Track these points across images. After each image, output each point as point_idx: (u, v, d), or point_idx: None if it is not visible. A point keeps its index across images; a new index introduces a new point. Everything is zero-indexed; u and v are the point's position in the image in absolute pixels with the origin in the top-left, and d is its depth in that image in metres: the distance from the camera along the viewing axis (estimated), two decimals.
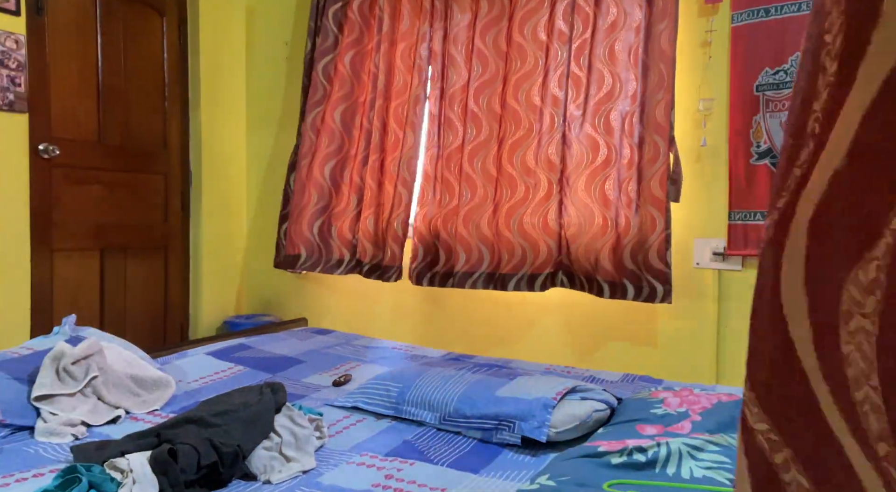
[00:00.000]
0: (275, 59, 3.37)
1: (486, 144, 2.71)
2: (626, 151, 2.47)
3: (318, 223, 3.03)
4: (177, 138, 3.17)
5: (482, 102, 2.72)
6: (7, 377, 1.62)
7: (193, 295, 3.26)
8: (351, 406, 1.77)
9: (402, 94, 2.91)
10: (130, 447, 1.30)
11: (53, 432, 1.49)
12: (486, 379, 1.75)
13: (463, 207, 2.73)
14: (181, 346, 2.40)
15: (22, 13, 2.47)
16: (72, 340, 1.82)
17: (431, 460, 1.44)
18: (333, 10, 3.02)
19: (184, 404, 1.78)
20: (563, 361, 2.66)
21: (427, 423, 1.65)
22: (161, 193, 3.12)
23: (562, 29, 2.57)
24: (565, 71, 2.57)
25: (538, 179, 2.60)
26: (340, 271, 3.01)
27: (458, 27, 2.78)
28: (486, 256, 2.69)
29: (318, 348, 2.42)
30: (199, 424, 1.38)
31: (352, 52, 3.01)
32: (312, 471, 1.37)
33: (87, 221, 2.80)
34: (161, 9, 3.07)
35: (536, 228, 2.60)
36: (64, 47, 2.67)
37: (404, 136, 2.86)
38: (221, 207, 3.33)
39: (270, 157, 3.39)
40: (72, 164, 2.72)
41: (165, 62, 3.11)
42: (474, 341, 2.85)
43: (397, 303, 3.06)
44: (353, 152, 3.03)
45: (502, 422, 1.55)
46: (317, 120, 3.03)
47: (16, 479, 1.26)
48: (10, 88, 2.43)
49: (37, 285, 2.58)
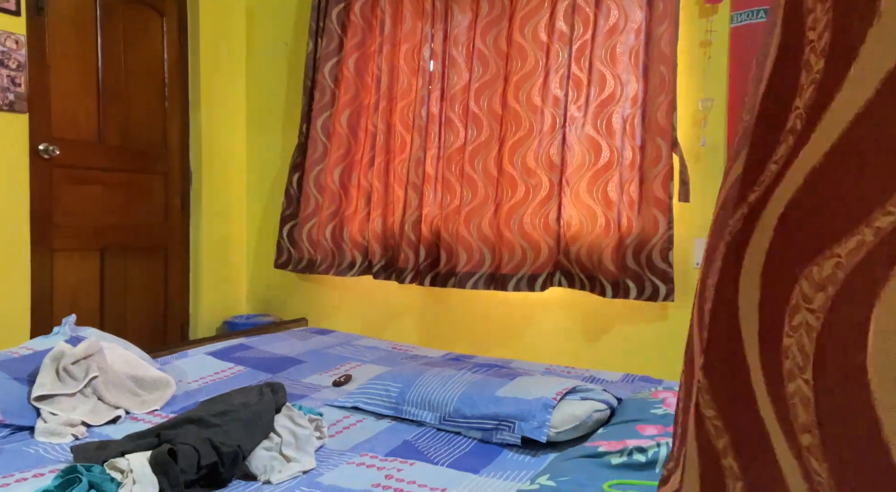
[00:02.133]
0: (275, 59, 3.37)
1: (487, 144, 2.71)
2: (627, 153, 2.47)
3: (330, 227, 3.04)
4: (177, 138, 3.17)
5: (483, 103, 2.72)
6: (7, 377, 1.61)
7: (193, 295, 3.26)
8: (351, 406, 1.77)
9: (406, 96, 2.90)
10: (130, 447, 1.30)
11: (53, 432, 1.49)
12: (487, 379, 1.74)
13: (464, 207, 2.73)
14: (181, 346, 2.40)
15: (22, 13, 2.47)
16: (72, 340, 1.82)
17: (431, 460, 1.44)
18: (336, 11, 3.02)
19: (184, 404, 1.77)
20: (563, 361, 2.66)
21: (427, 423, 1.65)
22: (161, 193, 3.12)
23: (562, 30, 2.57)
24: (566, 72, 2.57)
25: (539, 180, 2.60)
26: (353, 273, 3.02)
27: (458, 28, 2.77)
28: (487, 256, 2.69)
29: (318, 348, 2.42)
30: (199, 424, 1.38)
31: (356, 55, 3.00)
32: (312, 471, 1.37)
33: (87, 221, 2.80)
34: (161, 9, 3.07)
35: (537, 229, 2.60)
36: (64, 47, 2.67)
37: (411, 138, 2.86)
38: (221, 206, 3.33)
39: (270, 157, 3.39)
40: (72, 164, 2.72)
41: (165, 62, 3.11)
42: (474, 341, 2.85)
43: (398, 303, 3.06)
44: (359, 156, 3.03)
45: (502, 422, 1.55)
46: (327, 124, 3.03)
47: (16, 479, 1.26)
48: (10, 88, 2.43)
49: (37, 285, 2.58)
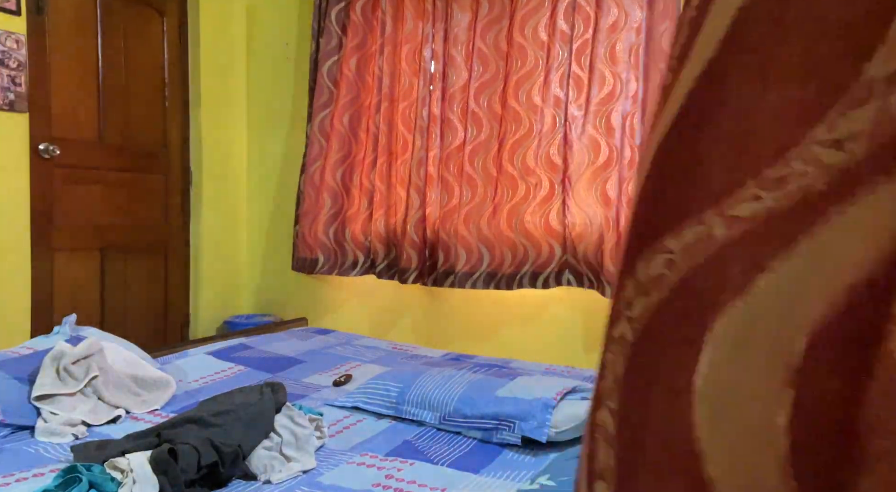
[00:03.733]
0: (275, 59, 3.36)
1: (487, 143, 2.71)
2: (627, 152, 2.47)
3: (332, 227, 3.03)
4: (177, 138, 3.17)
5: (483, 102, 2.72)
6: (7, 377, 1.61)
7: (193, 295, 3.26)
8: (351, 406, 1.77)
9: (407, 97, 2.90)
10: (130, 447, 1.30)
11: (54, 432, 1.49)
12: (487, 379, 1.74)
13: (463, 206, 2.73)
14: (181, 346, 2.40)
15: (22, 13, 2.47)
16: (72, 339, 1.82)
17: (431, 460, 1.44)
18: (336, 11, 3.01)
19: (184, 403, 1.77)
20: (563, 360, 2.66)
21: (427, 423, 1.64)
22: (161, 193, 3.12)
23: (563, 29, 2.57)
24: (566, 71, 2.57)
25: (539, 179, 2.60)
26: (355, 273, 3.02)
27: (458, 27, 2.77)
28: (485, 255, 2.69)
29: (318, 348, 2.41)
30: (199, 424, 1.38)
31: (356, 56, 3.00)
32: (312, 471, 1.36)
33: (88, 221, 2.80)
34: (161, 9, 3.07)
35: (538, 228, 2.60)
36: (64, 47, 2.67)
37: (413, 138, 2.85)
38: (221, 207, 3.33)
39: (271, 157, 3.39)
40: (72, 164, 2.71)
41: (165, 62, 3.11)
42: (474, 341, 2.85)
43: (398, 302, 3.06)
44: (361, 156, 3.03)
45: (502, 422, 1.54)
46: (325, 123, 3.03)
47: (16, 479, 1.26)
48: (11, 88, 2.43)
49: (37, 285, 2.58)
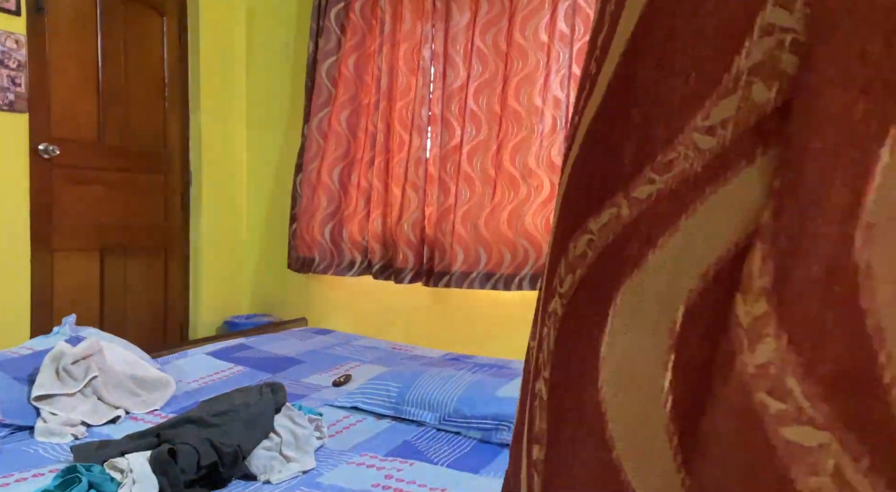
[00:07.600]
0: (275, 59, 3.37)
1: (485, 143, 2.71)
2: None
3: (329, 227, 3.03)
4: (177, 138, 3.17)
5: (481, 102, 2.72)
6: (7, 377, 1.61)
7: (193, 295, 3.26)
8: (351, 406, 1.77)
9: (406, 96, 2.90)
10: (130, 447, 1.30)
11: (53, 432, 1.49)
12: (486, 379, 1.75)
13: (461, 206, 2.73)
14: (181, 346, 2.40)
15: (22, 13, 2.47)
16: (72, 339, 1.82)
17: (431, 460, 1.44)
18: (335, 11, 3.01)
19: (184, 404, 1.77)
20: None
21: (427, 423, 1.65)
22: (161, 193, 3.12)
23: (563, 30, 2.57)
24: (567, 73, 2.57)
25: (540, 181, 2.61)
26: (352, 273, 3.02)
27: (456, 27, 2.77)
28: (482, 256, 2.69)
29: (318, 348, 2.42)
30: (199, 424, 1.38)
31: (355, 55, 3.00)
32: (312, 471, 1.36)
33: (87, 221, 2.80)
34: (161, 9, 3.07)
35: (539, 230, 2.60)
36: (64, 47, 2.67)
37: (410, 138, 2.85)
38: (221, 207, 3.33)
39: (271, 157, 3.39)
40: (72, 164, 2.71)
41: (165, 62, 3.11)
42: (474, 341, 2.85)
43: (397, 302, 3.06)
44: (359, 155, 3.03)
45: (502, 422, 1.54)
46: (322, 123, 3.03)
47: (16, 479, 1.26)
48: (10, 88, 2.43)
49: (37, 285, 2.58)
